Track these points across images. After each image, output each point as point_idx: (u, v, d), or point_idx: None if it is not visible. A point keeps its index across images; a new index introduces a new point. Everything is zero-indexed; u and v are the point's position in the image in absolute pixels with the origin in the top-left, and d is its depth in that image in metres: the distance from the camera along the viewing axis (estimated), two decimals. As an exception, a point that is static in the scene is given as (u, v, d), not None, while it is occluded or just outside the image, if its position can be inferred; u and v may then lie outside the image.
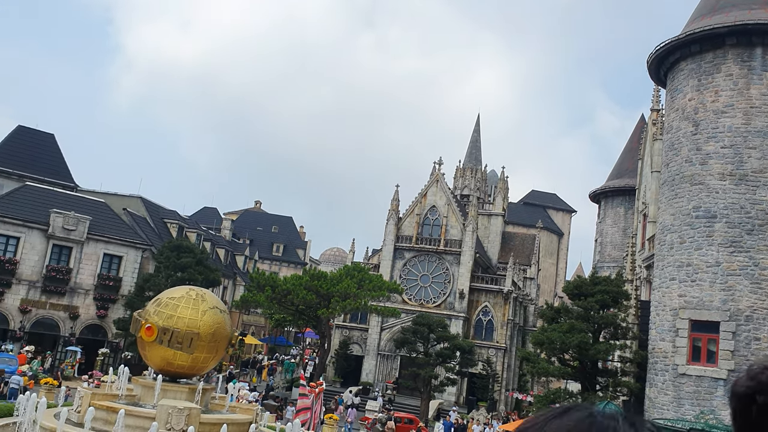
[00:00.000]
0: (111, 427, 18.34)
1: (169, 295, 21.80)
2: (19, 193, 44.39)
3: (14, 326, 41.46)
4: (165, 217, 59.43)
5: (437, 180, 56.47)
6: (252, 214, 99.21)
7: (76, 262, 44.00)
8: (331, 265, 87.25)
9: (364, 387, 50.50)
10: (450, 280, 54.17)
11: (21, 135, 50.44)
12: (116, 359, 42.50)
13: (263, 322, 75.08)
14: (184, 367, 21.20)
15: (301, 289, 42.53)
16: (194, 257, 44.36)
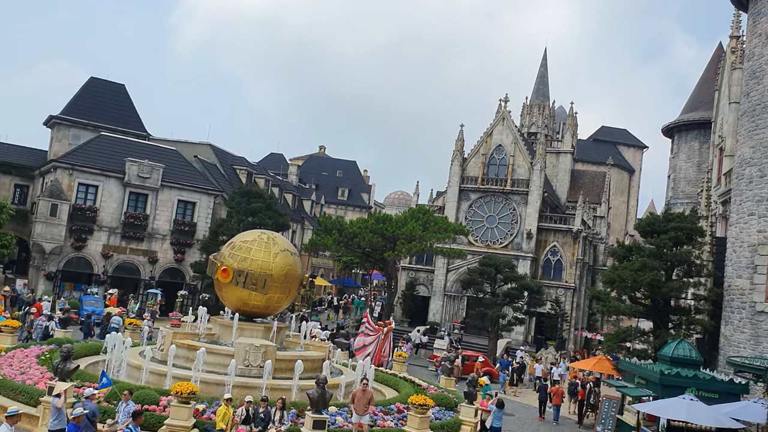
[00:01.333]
0: (192, 363, 19.35)
1: (242, 238, 22.53)
2: (95, 143, 46.15)
3: (98, 270, 43.78)
4: (234, 163, 60.74)
5: (503, 118, 55.40)
6: (317, 159, 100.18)
7: (152, 209, 45.77)
8: (395, 208, 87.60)
9: (431, 326, 51.27)
10: (517, 220, 53.69)
11: (94, 86, 52.03)
12: (194, 301, 44.44)
13: (331, 264, 76.71)
14: (258, 307, 22.04)
15: (367, 232, 43.08)
16: (264, 202, 45.36)
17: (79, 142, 46.88)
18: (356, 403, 17.07)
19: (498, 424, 20.67)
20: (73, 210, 42.71)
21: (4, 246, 38.62)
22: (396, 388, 24.08)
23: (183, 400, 15.45)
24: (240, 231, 30.63)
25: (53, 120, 48.58)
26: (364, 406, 16.98)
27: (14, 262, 45.79)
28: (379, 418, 18.47)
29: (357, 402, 17.06)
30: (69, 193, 42.73)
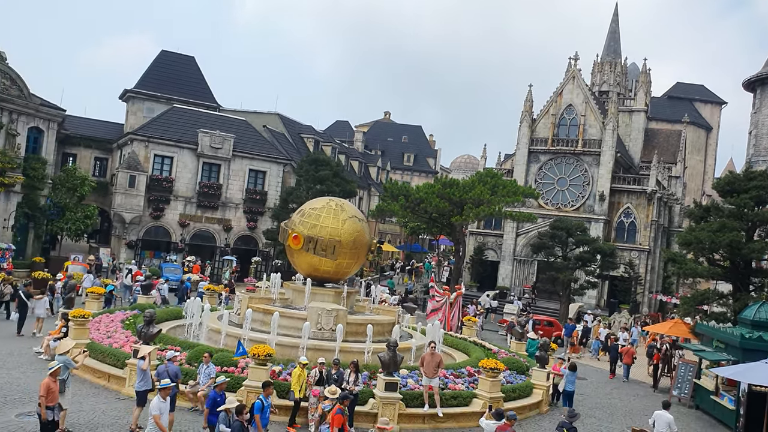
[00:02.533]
0: (267, 327, 19.97)
1: (312, 206, 22.90)
2: (168, 115, 47.52)
3: (176, 239, 45.47)
4: (301, 132, 61.47)
5: (573, 77, 53.78)
6: (382, 125, 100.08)
7: (225, 178, 46.99)
8: (462, 172, 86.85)
9: (501, 291, 51.02)
10: (589, 182, 52.41)
11: (165, 59, 53.36)
12: (267, 267, 45.63)
13: (398, 230, 77.00)
14: (328, 273, 22.45)
15: (434, 197, 42.91)
16: (331, 170, 45.84)
17: (153, 114, 48.36)
18: (426, 367, 17.22)
19: (571, 387, 20.49)
20: (150, 181, 44.31)
21: (87, 217, 40.56)
22: (466, 351, 24.21)
23: (260, 362, 15.99)
24: (308, 198, 31.11)
25: (128, 94, 50.22)
26: (433, 369, 17.13)
27: (97, 232, 47.99)
28: (450, 381, 18.66)
29: (426, 365, 17.22)
30: (146, 165, 44.31)
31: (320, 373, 15.65)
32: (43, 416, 12.27)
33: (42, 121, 39.99)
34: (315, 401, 15.21)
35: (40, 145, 40.19)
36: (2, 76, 36.66)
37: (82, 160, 47.86)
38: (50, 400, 12.24)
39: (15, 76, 37.41)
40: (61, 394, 13.82)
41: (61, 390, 13.81)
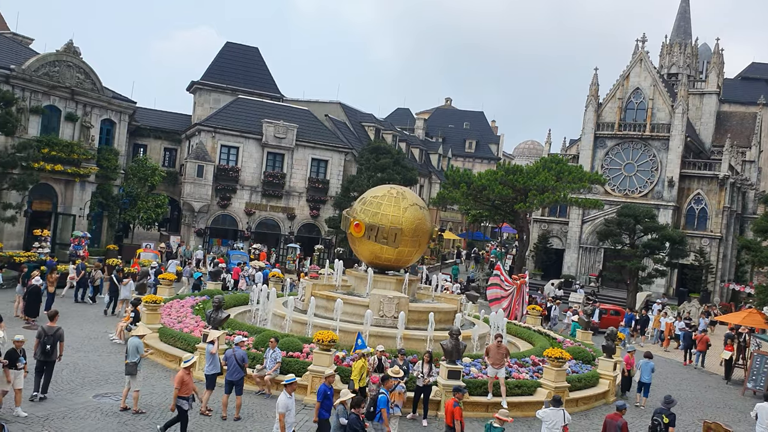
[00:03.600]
0: (330, 313, 20.29)
1: (373, 194, 23.01)
2: (233, 106, 48.54)
3: (242, 227, 46.57)
4: (362, 120, 61.75)
5: (641, 59, 52.12)
6: (443, 111, 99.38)
7: (289, 168, 47.75)
8: (525, 158, 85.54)
9: (566, 279, 50.19)
10: (657, 167, 50.85)
11: (230, 51, 54.41)
12: (330, 254, 46.19)
13: (460, 218, 76.59)
14: (390, 260, 22.56)
15: (497, 184, 42.38)
16: (392, 158, 45.92)
17: (220, 105, 49.47)
18: (491, 357, 17.11)
19: (647, 377, 20.00)
20: (217, 170, 45.43)
21: (158, 206, 41.97)
22: (530, 341, 23.97)
23: (324, 348, 16.27)
24: (370, 187, 31.28)
25: (195, 85, 51.50)
26: (499, 360, 17.02)
27: (168, 221, 49.56)
28: (514, 370, 18.51)
29: (492, 356, 17.11)
30: (213, 155, 45.45)
31: (379, 360, 15.67)
32: (172, 407, 12.86)
33: (114, 113, 41.48)
34: (376, 388, 15.22)
35: (112, 136, 41.74)
36: (77, 71, 38.14)
37: (152, 151, 49.41)
38: (184, 391, 12.79)
39: (88, 70, 38.85)
40: (133, 376, 14.47)
41: (132, 372, 14.46)
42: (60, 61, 37.27)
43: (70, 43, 38.00)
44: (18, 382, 13.17)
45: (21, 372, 13.22)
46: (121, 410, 14.34)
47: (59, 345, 14.77)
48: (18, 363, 13.11)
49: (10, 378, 13.04)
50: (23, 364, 13.25)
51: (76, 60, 38.16)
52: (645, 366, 19.99)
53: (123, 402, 14.52)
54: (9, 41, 39.94)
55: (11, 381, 13.06)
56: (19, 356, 13.17)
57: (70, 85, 37.49)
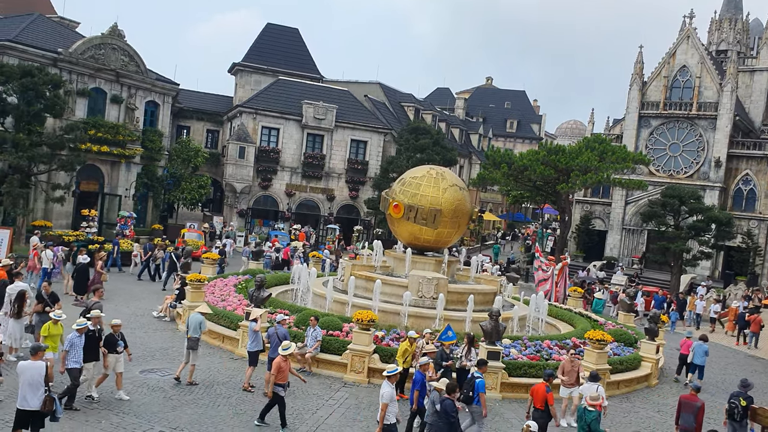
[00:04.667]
0: (369, 293, 20.42)
1: (412, 174, 22.97)
2: (274, 87, 48.86)
3: (283, 207, 47.09)
4: (402, 100, 61.52)
5: (688, 36, 50.61)
6: (483, 91, 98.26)
7: (328, 149, 47.98)
8: (568, 138, 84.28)
9: (608, 261, 49.49)
10: (704, 147, 49.54)
11: (270, 32, 54.65)
12: (368, 235, 46.43)
13: (500, 199, 75.96)
14: (429, 241, 22.54)
15: (538, 165, 41.88)
16: (431, 138, 45.73)
17: (260, 87, 49.85)
18: (567, 375, 15.16)
19: (701, 359, 19.77)
20: (259, 152, 45.93)
21: (201, 186, 42.72)
22: (571, 323, 23.79)
23: (363, 327, 16.43)
24: (409, 167, 31.23)
25: (236, 67, 51.97)
26: (574, 378, 15.12)
27: (211, 201, 50.42)
28: (555, 352, 18.42)
29: (567, 373, 15.18)
30: (254, 136, 45.93)
31: (428, 343, 15.45)
32: (269, 393, 12.82)
33: (158, 95, 42.19)
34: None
35: (156, 118, 42.51)
36: (121, 54, 38.86)
37: (195, 132, 50.15)
38: (280, 378, 12.64)
39: (132, 52, 39.54)
40: (194, 350, 15.06)
41: (193, 347, 15.05)
42: (105, 44, 38.02)
43: (115, 26, 38.70)
44: (119, 365, 13.42)
45: (121, 356, 13.46)
46: (175, 379, 14.89)
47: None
48: (117, 347, 13.37)
49: (108, 363, 13.30)
50: (122, 348, 13.49)
51: (121, 43, 38.86)
52: (699, 348, 19.85)
53: (178, 372, 15.10)
54: (56, 25, 40.85)
55: (109, 366, 13.32)
56: (117, 340, 13.41)
57: (115, 68, 38.24)
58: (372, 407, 14.76)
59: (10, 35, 34.15)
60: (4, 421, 11.65)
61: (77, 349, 12.66)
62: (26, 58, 33.56)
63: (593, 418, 12.04)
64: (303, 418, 13.71)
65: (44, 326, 13.52)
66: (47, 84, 30.33)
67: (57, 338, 13.54)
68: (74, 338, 12.64)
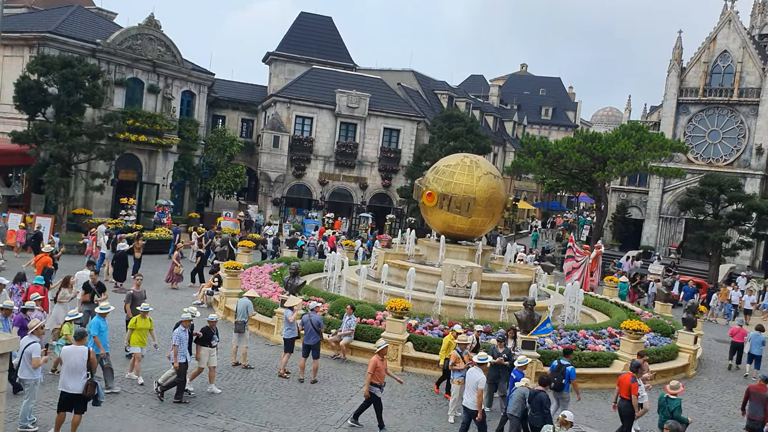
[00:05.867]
0: (402, 282, 20.47)
1: (445, 163, 22.89)
2: (308, 76, 49.02)
3: (316, 196, 47.36)
4: (435, 88, 61.21)
5: (729, 19, 49.28)
6: (518, 78, 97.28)
7: (361, 137, 48.02)
8: (604, 126, 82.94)
9: (645, 251, 48.74)
10: (744, 134, 48.32)
11: (304, 21, 54.76)
12: (401, 224, 46.43)
13: (535, 187, 75.27)
14: (463, 230, 22.47)
15: (574, 152, 41.38)
16: (465, 126, 45.43)
17: (294, 76, 50.05)
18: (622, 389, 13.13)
19: (758, 350, 19.58)
20: (292, 141, 46.21)
21: (236, 175, 43.23)
22: (607, 312, 23.55)
23: (397, 315, 16.50)
24: (442, 156, 31.12)
25: (270, 56, 52.25)
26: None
27: (246, 190, 50.93)
28: (590, 341, 18.28)
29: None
30: (288, 125, 46.21)
31: (477, 340, 15.09)
32: (366, 392, 12.41)
33: (194, 85, 42.67)
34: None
35: (192, 108, 43.02)
36: (158, 44, 39.34)
37: (230, 122, 50.59)
38: (377, 377, 12.28)
39: (169, 42, 40.01)
40: (241, 333, 15.49)
41: (240, 330, 15.46)
42: (142, 35, 38.53)
43: (151, 16, 39.19)
44: (212, 359, 13.67)
45: (215, 350, 13.67)
46: (233, 365, 15.32)
47: None
48: (212, 341, 13.60)
49: (201, 355, 13.51)
50: (216, 342, 13.72)
51: (157, 33, 39.34)
52: (756, 338, 19.75)
53: (234, 358, 15.55)
54: (94, 16, 41.54)
55: (202, 359, 13.53)
56: (213, 334, 13.63)
57: (151, 58, 38.75)
58: (405, 395, 14.86)
59: (50, 27, 34.82)
60: (48, 404, 12.03)
61: (184, 343, 12.88)
62: (66, 49, 34.20)
63: (676, 405, 12.04)
64: (337, 405, 13.87)
65: (132, 320, 13.70)
66: (86, 74, 30.89)
67: (145, 332, 13.68)
68: (180, 333, 12.87)
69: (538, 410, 11.40)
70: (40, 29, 34.54)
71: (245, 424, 12.37)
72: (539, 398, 11.44)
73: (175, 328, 13.25)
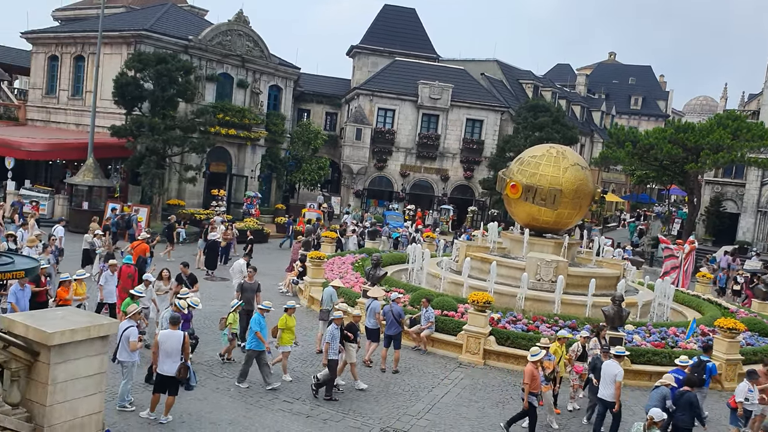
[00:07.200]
0: (485, 275, 20.28)
1: (531, 153, 22.48)
2: (390, 68, 49.22)
3: (397, 188, 47.58)
4: (520, 78, 60.16)
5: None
6: (606, 66, 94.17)
7: (443, 129, 47.82)
8: (697, 115, 79.27)
9: (741, 246, 46.28)
10: None
11: (387, 13, 54.96)
12: (483, 216, 46.01)
13: (623, 179, 72.98)
14: (548, 223, 22.03)
15: (665, 143, 39.86)
16: (551, 116, 44.45)
17: (377, 69, 50.37)
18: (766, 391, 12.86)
19: None
20: (375, 133, 46.56)
21: (320, 168, 44.02)
22: (699, 309, 22.57)
23: (479, 309, 16.39)
24: (526, 146, 30.59)
25: (354, 50, 52.75)
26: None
27: (329, 182, 51.77)
28: (681, 339, 17.58)
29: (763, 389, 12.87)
30: (370, 118, 46.59)
31: (582, 347, 14.03)
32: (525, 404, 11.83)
33: (280, 79, 43.65)
34: (578, 378, 13.82)
35: (279, 102, 44.04)
36: (246, 39, 40.45)
37: (314, 115, 51.47)
38: (534, 386, 11.88)
39: (257, 38, 41.06)
40: (325, 321, 15.70)
41: (325, 318, 15.76)
42: (231, 31, 39.71)
43: (240, 12, 40.31)
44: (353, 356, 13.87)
45: (355, 346, 13.89)
46: (317, 353, 15.64)
47: (257, 296, 16.02)
48: (357, 337, 13.93)
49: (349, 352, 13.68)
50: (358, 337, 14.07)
51: (246, 29, 40.44)
52: None
53: (318, 346, 15.86)
54: (187, 13, 43.17)
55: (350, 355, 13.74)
56: (357, 330, 13.99)
57: (240, 53, 39.89)
58: (487, 389, 14.77)
59: (146, 25, 36.42)
60: (144, 385, 12.69)
61: (336, 340, 13.04)
62: (161, 46, 35.68)
63: None
64: (419, 395, 13.94)
65: (281, 318, 13.90)
66: (179, 70, 32.12)
67: (293, 330, 14.05)
68: (333, 330, 13.04)
69: (687, 410, 11.31)
70: (137, 27, 36.17)
71: (328, 410, 12.64)
72: (687, 398, 11.35)
73: (327, 325, 13.46)
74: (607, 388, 12.01)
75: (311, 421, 12.11)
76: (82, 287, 15.04)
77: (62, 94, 39.86)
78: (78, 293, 14.77)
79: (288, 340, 13.87)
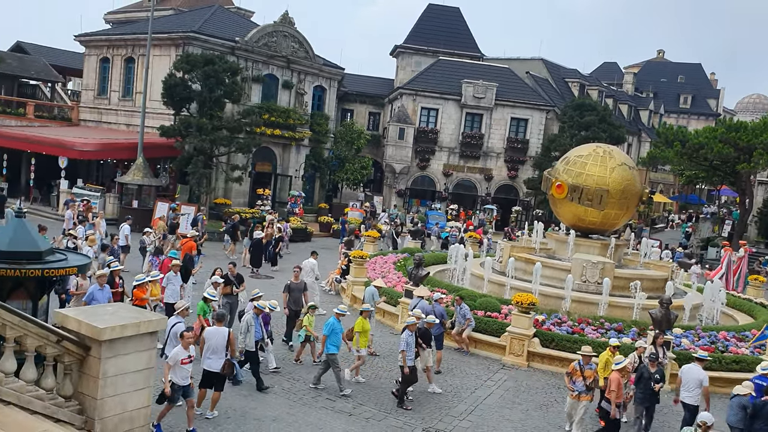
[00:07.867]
0: (529, 276, 20.09)
1: (577, 153, 22.18)
2: (434, 68, 49.10)
3: (440, 188, 47.44)
4: (566, 76, 59.35)
5: None
6: (654, 64, 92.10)
7: (487, 128, 47.47)
8: (750, 114, 76.84)
9: (796, 248, 44.78)
10: None
11: (431, 13, 54.85)
12: (528, 216, 45.49)
13: (672, 179, 71.38)
14: (594, 224, 21.70)
15: (716, 143, 38.87)
16: (597, 115, 43.73)
17: (421, 68, 50.30)
18: None
19: None
20: (417, 133, 46.51)
21: (363, 167, 44.20)
22: (751, 314, 21.93)
23: (523, 310, 16.24)
24: (572, 146, 30.17)
25: (398, 49, 52.79)
26: None
27: (372, 182, 51.91)
28: (732, 344, 17.11)
29: None
30: (413, 117, 46.55)
31: (639, 357, 13.28)
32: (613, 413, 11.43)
33: (324, 80, 43.97)
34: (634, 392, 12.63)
35: (323, 102, 44.36)
36: (291, 40, 40.85)
37: (358, 115, 51.63)
38: (619, 396, 11.42)
39: (302, 39, 41.44)
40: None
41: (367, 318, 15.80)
42: (277, 32, 40.15)
43: (286, 13, 40.73)
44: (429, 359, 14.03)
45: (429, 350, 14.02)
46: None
47: (304, 295, 16.22)
48: (431, 342, 14.07)
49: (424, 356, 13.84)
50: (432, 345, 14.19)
51: (291, 30, 40.85)
52: None
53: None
54: (233, 15, 43.83)
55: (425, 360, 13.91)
56: (432, 335, 14.13)
57: (285, 54, 40.30)
58: (531, 391, 14.63)
59: (194, 27, 37.10)
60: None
61: (412, 348, 13.00)
62: (208, 47, 36.30)
63: None
64: (461, 396, 13.90)
65: (357, 322, 14.07)
66: (226, 71, 32.63)
67: (368, 333, 14.24)
68: (408, 337, 12.94)
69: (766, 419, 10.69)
70: (185, 29, 36.88)
71: (371, 409, 12.69)
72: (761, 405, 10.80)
73: (402, 332, 13.39)
74: (691, 391, 11.89)
75: (354, 420, 12.18)
76: (156, 288, 15.40)
77: (113, 95, 40.93)
78: (153, 294, 15.06)
79: (363, 343, 14.04)
